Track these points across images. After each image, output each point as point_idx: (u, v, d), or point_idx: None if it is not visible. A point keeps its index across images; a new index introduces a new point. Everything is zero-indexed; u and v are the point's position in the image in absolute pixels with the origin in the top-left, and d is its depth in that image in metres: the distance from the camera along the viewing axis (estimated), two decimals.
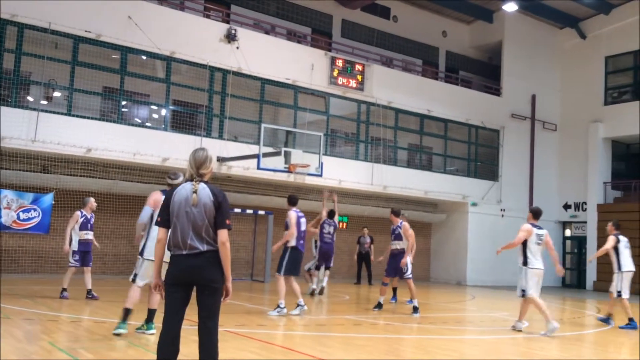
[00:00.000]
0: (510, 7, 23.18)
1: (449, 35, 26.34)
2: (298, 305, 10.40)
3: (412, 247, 11.88)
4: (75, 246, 11.32)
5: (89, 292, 11.28)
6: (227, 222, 4.44)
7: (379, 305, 11.90)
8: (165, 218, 4.51)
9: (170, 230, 4.49)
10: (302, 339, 8.17)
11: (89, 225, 11.47)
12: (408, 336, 9.29)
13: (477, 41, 26.73)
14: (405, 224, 11.78)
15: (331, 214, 14.62)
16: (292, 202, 10.64)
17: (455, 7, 24.94)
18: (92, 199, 11.68)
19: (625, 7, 24.36)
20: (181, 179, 7.79)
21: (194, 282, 4.43)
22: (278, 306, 10.18)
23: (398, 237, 11.73)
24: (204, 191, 4.44)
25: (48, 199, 15.62)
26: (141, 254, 7.57)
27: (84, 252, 11.42)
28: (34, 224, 15.71)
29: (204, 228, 4.39)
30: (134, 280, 7.55)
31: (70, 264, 11.34)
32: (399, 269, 11.61)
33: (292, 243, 10.35)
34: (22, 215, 15.52)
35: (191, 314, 4.57)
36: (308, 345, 7.53)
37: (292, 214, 10.41)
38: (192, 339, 7.60)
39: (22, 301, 10.19)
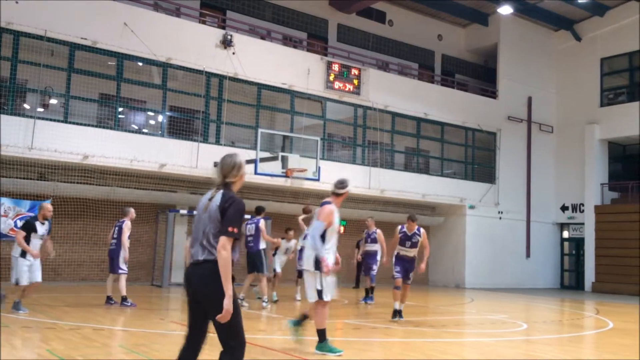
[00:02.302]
0: (505, 10, 23.27)
1: (444, 38, 26.40)
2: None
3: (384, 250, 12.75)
4: (127, 254, 11.72)
5: (110, 298, 11.61)
6: (230, 229, 4.00)
7: (399, 313, 10.99)
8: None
9: None
10: (301, 344, 8.15)
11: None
12: (407, 339, 9.27)
13: (472, 44, 26.80)
14: (383, 231, 12.01)
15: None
16: (256, 211, 12.58)
17: (451, 11, 25.00)
18: (132, 209, 12.06)
19: (620, 9, 24.46)
20: (349, 187, 7.65)
21: (194, 296, 4.12)
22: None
23: (415, 245, 11.21)
24: (218, 197, 4.16)
25: None
26: (318, 268, 7.18)
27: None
28: None
29: (206, 236, 4.09)
30: (320, 297, 7.20)
31: (122, 271, 11.64)
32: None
33: None
34: (20, 223, 15.46)
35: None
36: (308, 350, 7.51)
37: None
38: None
39: None
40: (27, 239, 9.77)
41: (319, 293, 7.18)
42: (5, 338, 7.19)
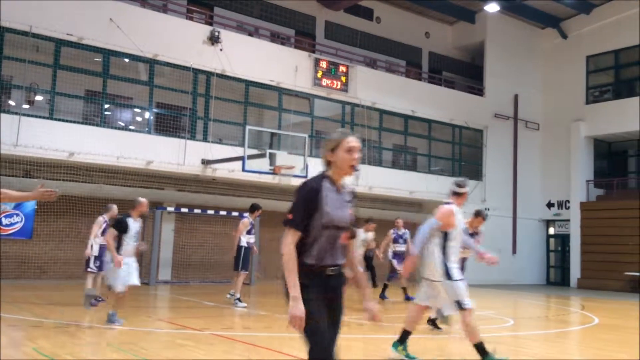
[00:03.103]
0: (492, 8, 23.36)
1: (431, 36, 26.47)
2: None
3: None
4: (96, 251, 11.45)
5: (96, 297, 11.37)
6: (289, 216, 3.47)
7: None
8: None
9: None
10: (288, 341, 8.15)
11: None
12: (395, 336, 9.29)
13: (459, 42, 26.89)
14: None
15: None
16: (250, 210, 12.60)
17: (438, 8, 25.07)
18: (115, 207, 11.78)
19: (606, 7, 24.64)
20: (468, 186, 6.99)
21: None
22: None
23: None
24: None
25: (31, 204, 15.48)
26: (449, 277, 6.66)
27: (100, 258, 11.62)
28: (16, 229, 15.56)
29: None
30: (461, 308, 6.53)
31: (90, 269, 11.42)
32: None
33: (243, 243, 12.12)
34: (5, 221, 15.36)
35: (178, 318, 4.54)
36: (294, 346, 7.51)
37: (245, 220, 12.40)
38: (178, 343, 7.57)
39: (5, 307, 10.06)
40: (119, 240, 8.69)
41: (459, 304, 6.38)
42: None
